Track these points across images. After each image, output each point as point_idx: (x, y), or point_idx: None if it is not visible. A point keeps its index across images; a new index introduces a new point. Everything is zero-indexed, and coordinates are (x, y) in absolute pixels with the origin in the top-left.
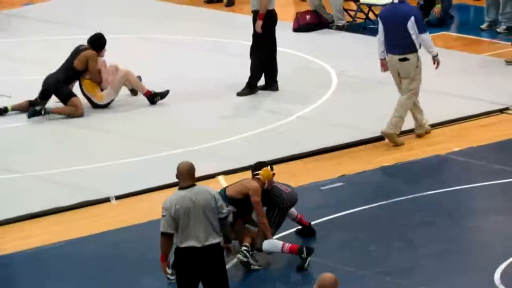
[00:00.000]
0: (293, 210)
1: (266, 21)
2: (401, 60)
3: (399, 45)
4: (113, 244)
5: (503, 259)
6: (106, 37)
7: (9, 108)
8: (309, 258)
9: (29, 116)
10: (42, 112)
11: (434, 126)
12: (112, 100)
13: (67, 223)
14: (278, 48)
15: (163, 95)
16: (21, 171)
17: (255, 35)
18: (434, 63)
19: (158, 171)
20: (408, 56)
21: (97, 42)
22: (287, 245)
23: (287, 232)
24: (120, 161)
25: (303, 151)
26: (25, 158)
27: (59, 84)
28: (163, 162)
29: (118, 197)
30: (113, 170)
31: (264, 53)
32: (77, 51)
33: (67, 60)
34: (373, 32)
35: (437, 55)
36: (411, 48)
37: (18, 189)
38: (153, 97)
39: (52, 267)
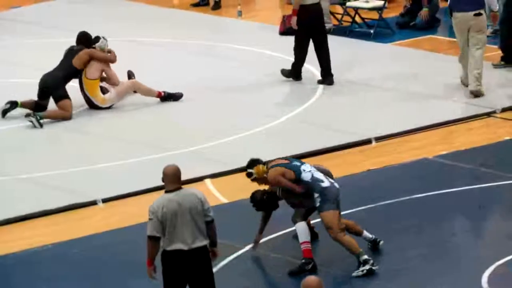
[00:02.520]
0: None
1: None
2: (476, 15)
3: (473, 2)
4: (101, 247)
5: (491, 262)
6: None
7: (19, 103)
8: (307, 272)
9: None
10: (38, 118)
11: (421, 129)
12: (113, 104)
13: (55, 226)
14: (265, 51)
15: (176, 97)
16: (10, 174)
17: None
18: (492, 19)
19: (146, 174)
20: (481, 11)
21: (85, 38)
22: (307, 246)
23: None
24: (108, 164)
25: (290, 154)
26: (14, 160)
27: (57, 82)
28: (150, 164)
29: (105, 200)
30: (101, 173)
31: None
32: (72, 51)
33: (64, 60)
34: (359, 36)
35: (497, 11)
36: (483, 3)
37: (7, 191)
38: (165, 99)
39: (40, 270)
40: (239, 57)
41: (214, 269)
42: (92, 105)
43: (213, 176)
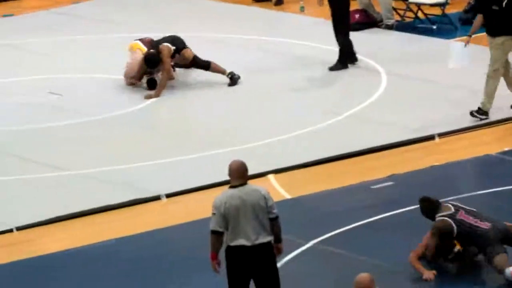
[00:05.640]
0: None
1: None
2: None
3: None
4: (163, 242)
5: None
6: (153, 35)
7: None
8: None
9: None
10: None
11: (485, 125)
12: None
13: (117, 222)
14: (328, 47)
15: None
16: (71, 169)
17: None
18: None
19: (209, 169)
20: None
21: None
22: None
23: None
24: (170, 159)
25: (353, 150)
26: (75, 156)
27: None
28: (213, 160)
29: (168, 195)
30: (163, 168)
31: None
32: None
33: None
34: (422, 31)
35: None
36: None
37: (68, 186)
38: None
39: (102, 266)
40: (301, 53)
41: (278, 265)
42: None
43: (276, 171)
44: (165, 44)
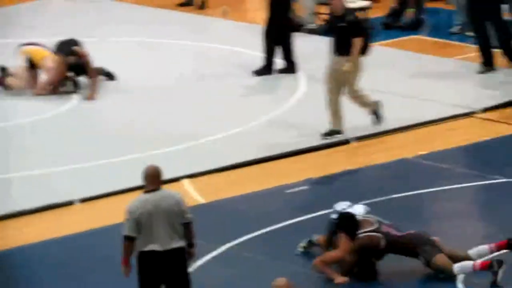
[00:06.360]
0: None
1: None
2: None
3: None
4: (77, 247)
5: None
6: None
7: None
8: (500, 271)
9: None
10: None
11: (401, 129)
12: None
13: (30, 227)
14: (248, 51)
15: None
16: None
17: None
18: None
19: (123, 174)
20: None
21: None
22: (478, 262)
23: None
24: (85, 164)
25: (269, 154)
26: None
27: None
28: (127, 165)
29: (83, 200)
30: (77, 173)
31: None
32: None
33: None
34: None
35: None
36: None
37: None
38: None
39: (14, 272)
40: (225, 57)
41: (191, 269)
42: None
43: (191, 176)
44: (77, 47)
